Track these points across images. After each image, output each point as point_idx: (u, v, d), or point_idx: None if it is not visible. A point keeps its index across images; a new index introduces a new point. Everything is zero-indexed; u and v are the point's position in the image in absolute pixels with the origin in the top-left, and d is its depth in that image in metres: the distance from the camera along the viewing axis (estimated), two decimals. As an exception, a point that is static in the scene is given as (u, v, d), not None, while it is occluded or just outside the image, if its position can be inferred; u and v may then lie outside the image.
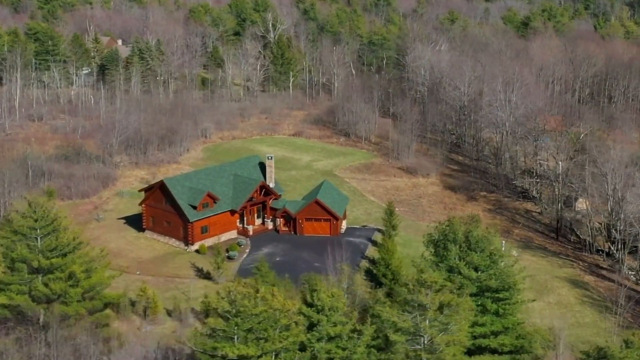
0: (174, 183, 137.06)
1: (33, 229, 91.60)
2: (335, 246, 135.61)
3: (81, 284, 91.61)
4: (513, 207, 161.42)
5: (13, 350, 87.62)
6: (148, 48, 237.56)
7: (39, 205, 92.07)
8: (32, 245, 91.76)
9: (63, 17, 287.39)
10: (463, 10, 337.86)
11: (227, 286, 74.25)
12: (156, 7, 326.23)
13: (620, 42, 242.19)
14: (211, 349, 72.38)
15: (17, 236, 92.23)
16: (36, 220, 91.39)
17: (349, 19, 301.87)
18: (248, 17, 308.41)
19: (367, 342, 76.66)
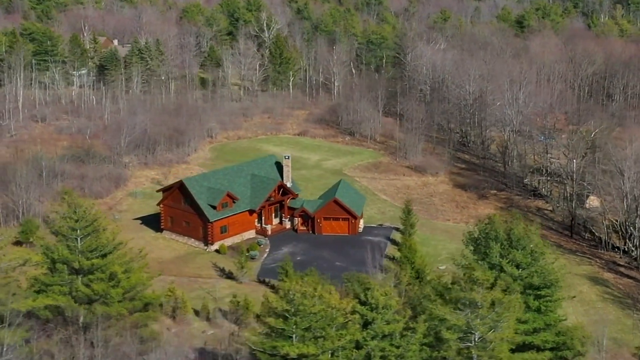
0: (193, 183, 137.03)
1: (73, 230, 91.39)
2: (355, 245, 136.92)
3: (121, 285, 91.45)
4: (524, 205, 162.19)
5: (56, 351, 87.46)
6: (147, 48, 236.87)
7: (79, 206, 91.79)
8: (72, 246, 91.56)
9: (57, 18, 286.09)
10: (454, 9, 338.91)
11: (284, 285, 74.27)
12: (148, 7, 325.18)
13: (618, 41, 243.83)
14: (271, 348, 72.56)
15: (58, 237, 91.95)
16: (77, 221, 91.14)
17: (343, 18, 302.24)
18: (241, 17, 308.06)
19: (419, 339, 76.93)
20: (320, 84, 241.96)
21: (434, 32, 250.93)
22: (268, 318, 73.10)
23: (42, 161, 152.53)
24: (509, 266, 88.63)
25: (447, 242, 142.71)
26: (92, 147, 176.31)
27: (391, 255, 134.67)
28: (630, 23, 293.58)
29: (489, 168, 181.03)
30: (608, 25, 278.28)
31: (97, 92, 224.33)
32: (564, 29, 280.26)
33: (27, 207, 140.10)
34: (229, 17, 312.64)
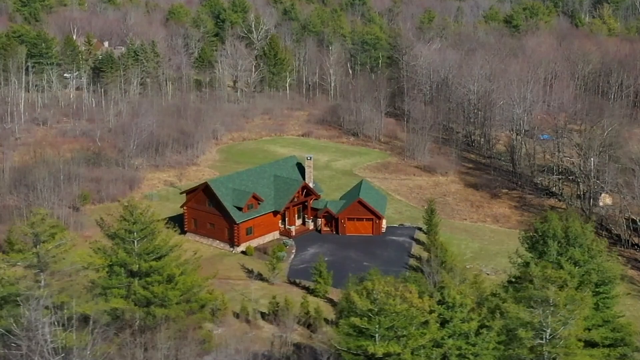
0: (218, 185, 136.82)
1: (130, 232, 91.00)
2: (380, 245, 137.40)
3: (178, 287, 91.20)
4: (537, 203, 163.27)
5: (116, 355, 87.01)
6: (143, 50, 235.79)
7: (136, 208, 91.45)
8: (129, 249, 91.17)
9: (46, 20, 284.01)
10: (437, 9, 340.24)
11: (366, 285, 74.49)
12: (134, 8, 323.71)
13: (611, 39, 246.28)
14: (356, 347, 72.74)
15: (115, 240, 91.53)
16: (134, 223, 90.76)
17: (331, 18, 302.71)
18: (227, 18, 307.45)
19: (494, 338, 77.46)
20: (317, 84, 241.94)
21: (430, 32, 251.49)
22: (352, 318, 73.11)
23: (60, 164, 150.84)
24: (567, 264, 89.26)
25: (469, 241, 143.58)
26: (103, 150, 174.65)
27: (417, 255, 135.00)
28: (616, 22, 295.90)
29: (496, 167, 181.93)
30: (596, 25, 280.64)
31: (95, 94, 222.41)
32: (552, 28, 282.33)
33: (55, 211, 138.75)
34: (214, 18, 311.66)
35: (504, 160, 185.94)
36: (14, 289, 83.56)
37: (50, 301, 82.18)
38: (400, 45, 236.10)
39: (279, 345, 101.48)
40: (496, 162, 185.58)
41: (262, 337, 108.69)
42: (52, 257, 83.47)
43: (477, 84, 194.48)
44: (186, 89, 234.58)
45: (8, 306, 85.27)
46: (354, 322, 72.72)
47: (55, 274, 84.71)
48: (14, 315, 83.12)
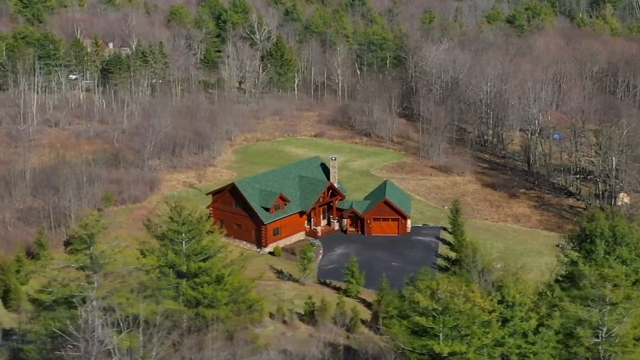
0: (245, 185, 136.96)
1: (179, 233, 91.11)
2: (406, 245, 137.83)
3: (227, 287, 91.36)
4: (556, 203, 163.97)
5: (166, 355, 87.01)
6: (151, 51, 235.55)
7: (184, 209, 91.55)
8: (177, 250, 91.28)
9: (49, 21, 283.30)
10: (437, 9, 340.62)
11: (429, 284, 74.84)
12: (133, 9, 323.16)
13: (620, 40, 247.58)
14: (421, 347, 73.06)
15: (164, 241, 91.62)
16: (183, 224, 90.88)
17: (333, 19, 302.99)
18: (229, 19, 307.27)
19: (553, 337, 77.93)
20: (325, 85, 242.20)
21: (436, 33, 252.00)
22: (416, 317, 73.44)
23: (83, 166, 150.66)
24: (615, 263, 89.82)
25: (493, 240, 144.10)
26: (121, 151, 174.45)
27: (444, 255, 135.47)
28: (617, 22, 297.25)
29: (511, 167, 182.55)
30: (599, 25, 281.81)
31: (104, 95, 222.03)
32: (555, 28, 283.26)
33: (74, 212, 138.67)
34: (215, 19, 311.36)
35: (519, 160, 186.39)
36: (68, 290, 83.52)
37: (105, 303, 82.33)
38: (409, 46, 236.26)
39: (322, 346, 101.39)
40: (511, 162, 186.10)
41: (299, 337, 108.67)
42: (106, 258, 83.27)
43: (489, 84, 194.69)
44: (195, 90, 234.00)
45: (61, 307, 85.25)
46: (418, 321, 72.97)
47: (108, 276, 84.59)
48: (69, 317, 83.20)
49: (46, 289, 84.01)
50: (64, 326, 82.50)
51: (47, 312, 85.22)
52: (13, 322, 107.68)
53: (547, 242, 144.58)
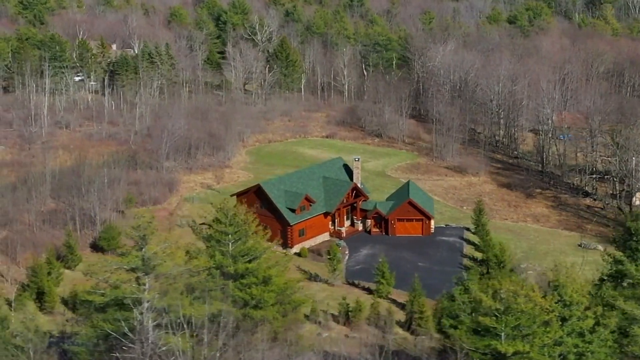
0: (270, 187, 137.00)
1: (225, 234, 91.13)
2: (431, 246, 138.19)
3: (273, 288, 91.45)
4: (573, 203, 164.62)
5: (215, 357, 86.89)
6: (158, 52, 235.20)
7: (229, 210, 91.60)
8: (224, 251, 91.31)
9: (51, 22, 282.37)
10: (435, 10, 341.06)
11: (492, 284, 75.08)
12: (132, 10, 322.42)
13: (625, 40, 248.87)
14: (484, 347, 73.27)
15: (210, 242, 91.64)
16: (230, 225, 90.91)
17: (334, 20, 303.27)
18: (229, 20, 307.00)
19: (609, 336, 78.24)
20: (332, 86, 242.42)
21: (445, 34, 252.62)
22: (480, 317, 73.65)
23: (104, 168, 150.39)
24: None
25: (516, 240, 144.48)
26: (137, 152, 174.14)
27: (470, 255, 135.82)
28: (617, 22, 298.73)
29: (524, 167, 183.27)
30: (600, 25, 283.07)
31: (113, 97, 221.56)
32: (557, 28, 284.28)
33: (97, 213, 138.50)
34: (214, 20, 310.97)
35: (532, 161, 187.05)
36: (120, 292, 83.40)
37: (157, 305, 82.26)
38: (415, 47, 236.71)
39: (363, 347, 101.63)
40: (524, 162, 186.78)
41: (335, 338, 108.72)
42: (158, 260, 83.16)
43: (501, 84, 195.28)
44: (202, 91, 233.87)
45: (111, 309, 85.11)
46: (481, 321, 73.14)
47: (159, 277, 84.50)
48: (123, 319, 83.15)
49: (98, 291, 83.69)
50: (117, 328, 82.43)
51: (98, 314, 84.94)
52: (51, 324, 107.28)
53: (569, 242, 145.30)
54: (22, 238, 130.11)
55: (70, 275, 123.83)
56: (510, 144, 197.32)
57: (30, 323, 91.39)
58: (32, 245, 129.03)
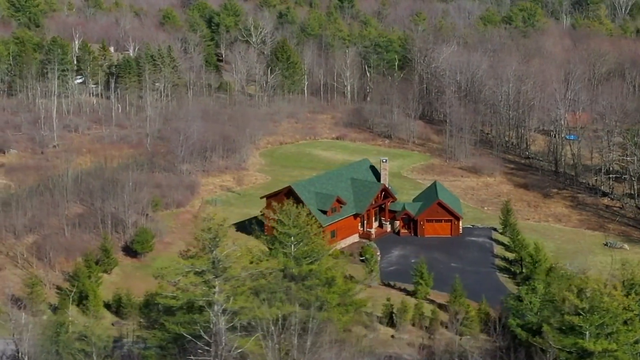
0: (301, 189, 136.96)
1: (289, 236, 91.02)
2: (461, 246, 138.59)
3: (336, 289, 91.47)
4: (592, 202, 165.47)
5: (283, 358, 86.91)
6: (160, 55, 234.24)
7: (292, 212, 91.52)
8: (287, 253, 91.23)
9: (46, 25, 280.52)
10: (424, 10, 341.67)
11: (577, 283, 75.54)
12: (122, 12, 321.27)
13: (626, 40, 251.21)
14: (570, 345, 73.69)
15: (274, 244, 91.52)
16: (294, 227, 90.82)
17: (328, 21, 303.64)
18: (222, 22, 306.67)
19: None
20: (335, 87, 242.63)
21: (446, 34, 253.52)
22: (567, 316, 74.07)
23: (130, 171, 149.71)
24: None
25: (542, 240, 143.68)
26: (154, 155, 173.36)
27: (501, 255, 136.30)
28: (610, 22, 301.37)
29: (537, 167, 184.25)
30: (595, 26, 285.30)
31: (119, 100, 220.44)
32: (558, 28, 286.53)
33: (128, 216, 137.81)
34: (206, 22, 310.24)
35: (543, 161, 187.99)
36: (192, 295, 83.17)
37: (228, 307, 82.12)
38: (419, 47, 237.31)
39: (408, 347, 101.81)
40: (536, 163, 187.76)
41: (381, 339, 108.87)
42: (229, 262, 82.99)
43: (511, 85, 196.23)
44: (205, 93, 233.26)
45: (180, 312, 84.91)
46: (567, 320, 73.56)
47: (228, 280, 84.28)
48: (194, 322, 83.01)
49: (171, 294, 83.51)
50: (189, 331, 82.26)
51: (168, 317, 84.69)
52: (98, 328, 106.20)
53: (594, 242, 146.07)
54: (53, 242, 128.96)
55: (108, 279, 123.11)
56: (520, 145, 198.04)
57: (95, 327, 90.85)
58: (65, 250, 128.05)
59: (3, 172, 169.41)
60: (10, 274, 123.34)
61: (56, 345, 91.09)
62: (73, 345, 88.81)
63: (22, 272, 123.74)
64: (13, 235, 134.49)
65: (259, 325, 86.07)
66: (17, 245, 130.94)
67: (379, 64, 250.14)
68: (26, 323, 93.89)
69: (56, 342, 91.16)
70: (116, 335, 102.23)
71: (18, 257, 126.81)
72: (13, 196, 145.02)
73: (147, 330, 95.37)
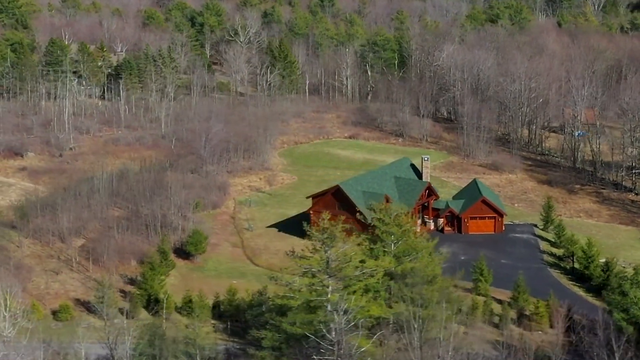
0: (349, 188, 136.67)
1: (390, 234, 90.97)
2: (507, 243, 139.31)
3: (436, 287, 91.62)
4: (617, 198, 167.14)
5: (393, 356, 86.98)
6: (161, 55, 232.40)
7: (392, 210, 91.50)
8: (388, 251, 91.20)
9: (34, 26, 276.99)
10: (404, 9, 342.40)
11: None
12: (105, 13, 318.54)
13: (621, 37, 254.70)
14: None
15: (377, 244, 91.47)
16: (396, 225, 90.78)
17: (315, 20, 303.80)
18: (206, 22, 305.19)
19: None
20: (335, 87, 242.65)
21: (451, 31, 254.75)
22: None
23: (167, 172, 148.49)
24: None
25: (580, 236, 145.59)
26: (180, 157, 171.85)
27: (548, 251, 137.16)
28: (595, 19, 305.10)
29: (554, 164, 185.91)
30: (582, 23, 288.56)
31: (118, 101, 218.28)
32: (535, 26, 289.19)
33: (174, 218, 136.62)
34: (188, 22, 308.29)
35: (560, 157, 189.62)
36: (307, 294, 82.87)
37: (346, 306, 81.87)
38: (420, 46, 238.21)
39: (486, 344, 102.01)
40: (552, 159, 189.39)
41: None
42: (345, 262, 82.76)
43: (523, 83, 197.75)
44: (207, 93, 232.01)
45: (293, 312, 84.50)
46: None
47: (341, 279, 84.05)
48: (309, 322, 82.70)
49: (288, 295, 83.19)
50: (306, 330, 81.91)
51: (283, 317, 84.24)
52: (171, 330, 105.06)
53: (630, 236, 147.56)
54: (104, 245, 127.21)
55: (167, 282, 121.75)
56: (532, 141, 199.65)
57: (200, 330, 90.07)
58: (117, 252, 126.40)
59: (26, 175, 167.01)
60: (68, 277, 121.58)
61: (154, 348, 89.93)
62: (178, 348, 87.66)
63: (79, 276, 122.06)
64: (59, 239, 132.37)
65: (371, 324, 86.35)
66: (67, 249, 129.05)
67: (376, 62, 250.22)
68: (121, 327, 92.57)
69: (154, 346, 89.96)
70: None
71: (73, 261, 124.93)
72: (49, 199, 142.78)
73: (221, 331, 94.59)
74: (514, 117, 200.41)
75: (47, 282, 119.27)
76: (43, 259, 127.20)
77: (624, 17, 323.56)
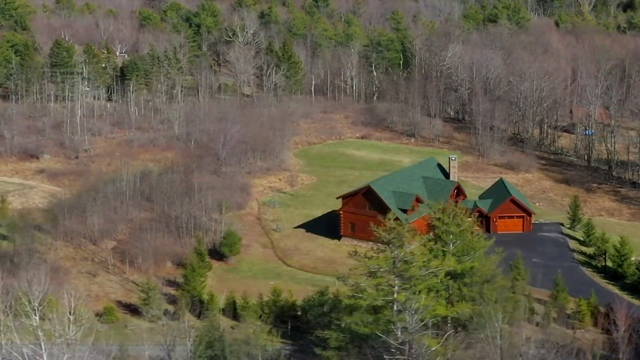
0: (380, 187, 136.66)
1: (449, 234, 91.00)
2: (536, 242, 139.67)
3: (495, 286, 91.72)
4: (636, 196, 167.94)
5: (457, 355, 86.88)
6: (167, 56, 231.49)
7: (453, 210, 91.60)
8: (446, 250, 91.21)
9: (33, 27, 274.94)
10: (397, 9, 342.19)
11: None
12: (99, 14, 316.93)
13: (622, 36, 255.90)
14: None
15: (438, 243, 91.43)
16: (455, 225, 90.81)
17: (312, 21, 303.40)
18: (202, 23, 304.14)
19: None
20: (341, 87, 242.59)
21: (455, 31, 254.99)
22: None
23: (192, 174, 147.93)
24: None
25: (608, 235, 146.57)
26: (199, 158, 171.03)
27: (578, 250, 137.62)
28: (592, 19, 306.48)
29: (568, 163, 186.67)
30: (580, 22, 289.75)
31: (125, 102, 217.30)
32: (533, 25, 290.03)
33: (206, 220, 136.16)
34: (184, 22, 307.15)
35: (572, 156, 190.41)
36: (375, 294, 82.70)
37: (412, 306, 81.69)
38: (429, 46, 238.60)
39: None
40: (565, 158, 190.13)
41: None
42: (414, 262, 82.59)
43: (535, 82, 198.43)
44: (215, 94, 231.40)
45: (358, 312, 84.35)
46: None
47: (408, 279, 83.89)
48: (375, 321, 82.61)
49: (357, 294, 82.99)
50: (372, 330, 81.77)
51: (350, 317, 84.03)
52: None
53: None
54: (137, 247, 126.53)
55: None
56: (544, 140, 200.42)
57: (261, 332, 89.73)
58: (150, 255, 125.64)
59: (45, 177, 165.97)
60: (106, 280, 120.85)
61: (213, 350, 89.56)
62: (240, 349, 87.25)
63: (116, 278, 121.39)
64: (90, 241, 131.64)
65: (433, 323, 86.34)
66: (100, 252, 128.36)
67: (380, 62, 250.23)
68: (176, 329, 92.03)
69: (214, 348, 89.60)
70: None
71: (108, 263, 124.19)
72: (76, 202, 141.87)
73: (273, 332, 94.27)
74: (525, 117, 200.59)
75: (85, 285, 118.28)
76: (77, 261, 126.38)
77: (614, 16, 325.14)
